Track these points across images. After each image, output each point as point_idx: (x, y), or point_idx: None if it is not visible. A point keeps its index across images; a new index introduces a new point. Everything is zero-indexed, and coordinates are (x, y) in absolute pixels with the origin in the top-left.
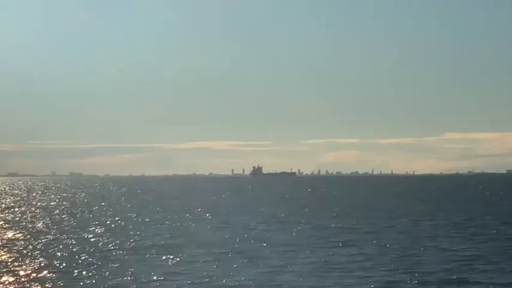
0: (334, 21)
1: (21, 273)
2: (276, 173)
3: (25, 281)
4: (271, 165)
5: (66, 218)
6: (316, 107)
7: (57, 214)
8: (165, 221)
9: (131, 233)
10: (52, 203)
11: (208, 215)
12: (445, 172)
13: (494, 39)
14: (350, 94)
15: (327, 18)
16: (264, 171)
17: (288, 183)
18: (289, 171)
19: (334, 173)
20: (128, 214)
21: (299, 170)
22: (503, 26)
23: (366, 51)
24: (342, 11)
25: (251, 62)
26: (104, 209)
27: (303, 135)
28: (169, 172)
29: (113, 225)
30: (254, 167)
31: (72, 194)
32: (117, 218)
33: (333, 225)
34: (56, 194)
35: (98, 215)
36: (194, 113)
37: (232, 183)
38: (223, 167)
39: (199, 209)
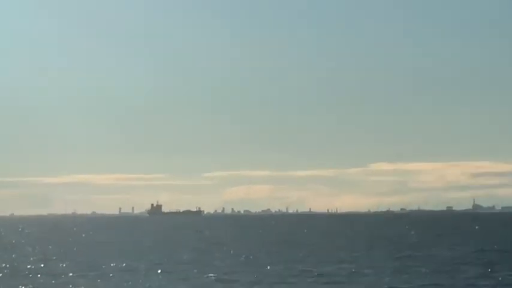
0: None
1: None
2: (179, 212)
3: None
4: (167, 202)
5: None
6: (219, 133)
7: None
8: None
9: None
10: None
11: None
12: (373, 210)
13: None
14: (259, 118)
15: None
16: (164, 209)
17: (194, 223)
18: (194, 210)
19: (242, 212)
20: None
21: (199, 208)
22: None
23: (279, 67)
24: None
25: (144, 80)
26: None
27: (205, 166)
28: (44, 211)
29: None
30: (152, 204)
31: None
32: None
33: None
34: None
35: None
36: (71, 140)
37: (129, 226)
38: (108, 205)
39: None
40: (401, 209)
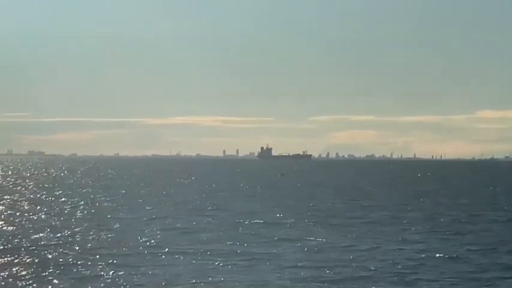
0: None
1: None
2: (289, 156)
3: None
4: (274, 145)
5: None
6: (324, 78)
7: None
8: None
9: None
10: None
11: None
12: (477, 157)
13: None
14: (365, 62)
15: None
16: (274, 152)
17: (307, 167)
18: (303, 154)
19: (346, 156)
20: None
21: (306, 152)
22: None
23: (377, 15)
24: None
25: (248, 26)
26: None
27: (310, 110)
28: (149, 152)
29: None
30: (262, 148)
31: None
32: None
33: None
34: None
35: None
36: (178, 83)
37: (246, 169)
38: (212, 148)
39: None
40: (505, 157)
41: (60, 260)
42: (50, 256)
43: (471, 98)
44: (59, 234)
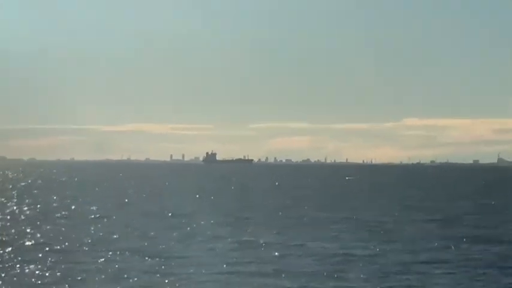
0: None
1: None
2: (232, 160)
3: None
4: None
5: None
6: (262, 87)
7: None
8: None
9: None
10: None
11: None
12: (405, 161)
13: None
14: (300, 71)
15: None
16: (218, 157)
17: (251, 172)
18: (246, 158)
19: (284, 161)
20: None
21: (248, 156)
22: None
23: (309, 24)
24: None
25: (188, 37)
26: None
27: (250, 118)
28: (102, 157)
29: None
30: (207, 153)
31: None
32: None
33: None
34: None
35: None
36: (130, 92)
37: (192, 172)
38: (161, 153)
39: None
40: (431, 162)
41: None
42: None
43: (398, 107)
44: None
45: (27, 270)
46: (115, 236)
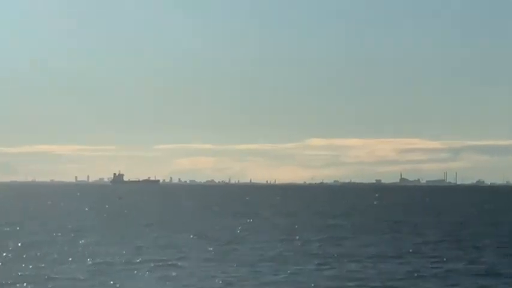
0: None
1: None
2: (139, 181)
3: None
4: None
5: None
6: (167, 109)
7: None
8: None
9: None
10: None
11: None
12: (308, 181)
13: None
14: (203, 95)
15: None
16: (125, 178)
17: (158, 192)
18: (153, 179)
19: (188, 181)
20: None
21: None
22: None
23: (221, 49)
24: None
25: (101, 60)
26: None
27: (155, 139)
28: (7, 179)
29: None
30: (115, 174)
31: None
32: None
33: None
34: None
35: None
36: (34, 113)
37: (100, 194)
38: (65, 174)
39: None
40: (334, 181)
41: None
42: None
43: (300, 127)
44: None
45: None
46: None
